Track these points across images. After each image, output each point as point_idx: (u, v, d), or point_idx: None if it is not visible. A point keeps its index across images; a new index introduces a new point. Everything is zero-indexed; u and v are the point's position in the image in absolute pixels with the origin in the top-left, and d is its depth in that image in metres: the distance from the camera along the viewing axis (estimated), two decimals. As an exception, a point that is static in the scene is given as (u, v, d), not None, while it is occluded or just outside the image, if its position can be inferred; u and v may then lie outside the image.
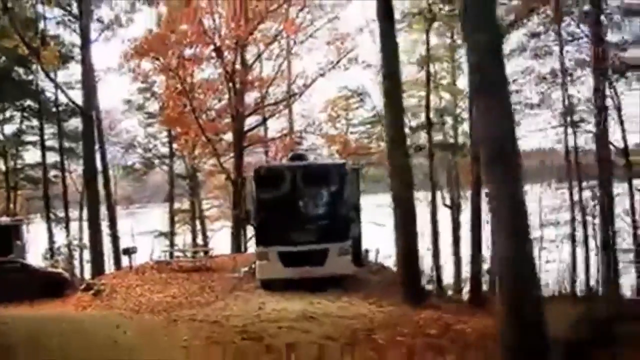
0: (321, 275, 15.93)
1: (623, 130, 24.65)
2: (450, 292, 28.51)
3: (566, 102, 27.18)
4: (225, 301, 15.11)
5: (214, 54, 26.95)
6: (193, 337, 10.60)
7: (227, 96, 28.16)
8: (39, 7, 30.59)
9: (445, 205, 32.22)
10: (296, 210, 16.69)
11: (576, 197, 26.97)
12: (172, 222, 37.40)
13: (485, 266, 23.10)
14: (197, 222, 38.19)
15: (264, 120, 31.58)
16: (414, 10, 29.22)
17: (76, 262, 32.67)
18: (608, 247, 24.25)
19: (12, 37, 25.88)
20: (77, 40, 30.79)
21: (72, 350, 9.87)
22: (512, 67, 29.14)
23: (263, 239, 16.76)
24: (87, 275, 29.15)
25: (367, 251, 22.70)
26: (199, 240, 37.06)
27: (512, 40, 29.85)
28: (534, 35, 28.28)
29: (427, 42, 30.32)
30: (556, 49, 27.55)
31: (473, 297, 22.29)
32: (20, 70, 34.89)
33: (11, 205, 35.26)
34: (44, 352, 9.65)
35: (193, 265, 21.86)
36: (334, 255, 16.21)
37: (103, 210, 30.29)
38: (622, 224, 26.53)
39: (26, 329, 11.40)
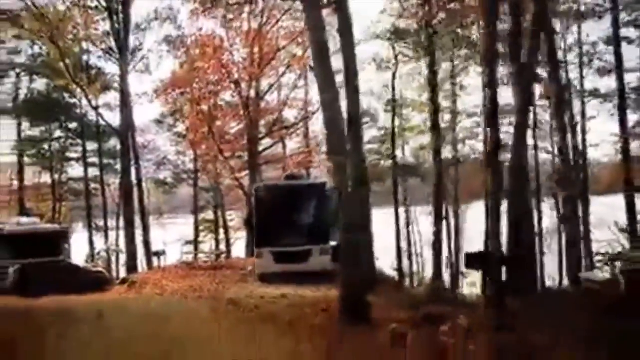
0: (305, 270, 20.90)
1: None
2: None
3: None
4: (228, 288, 20.26)
5: (232, 86, 32.32)
6: (198, 306, 15.78)
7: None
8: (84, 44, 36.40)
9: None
10: (286, 219, 21.81)
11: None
12: (197, 231, 42.74)
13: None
14: (222, 232, 43.59)
15: (281, 140, 36.95)
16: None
17: (113, 266, 38.28)
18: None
19: (64, 77, 31.93)
20: (117, 69, 36.71)
21: (116, 314, 15.07)
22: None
23: (260, 241, 21.98)
24: (123, 276, 34.56)
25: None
26: (223, 247, 42.29)
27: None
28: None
29: (393, 88, 35.56)
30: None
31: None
32: (66, 95, 40.88)
33: (56, 215, 41.27)
34: (100, 316, 14.81)
35: (210, 265, 27.14)
36: (316, 255, 21.20)
37: (137, 220, 35.77)
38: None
39: (86, 303, 16.72)
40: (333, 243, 22.18)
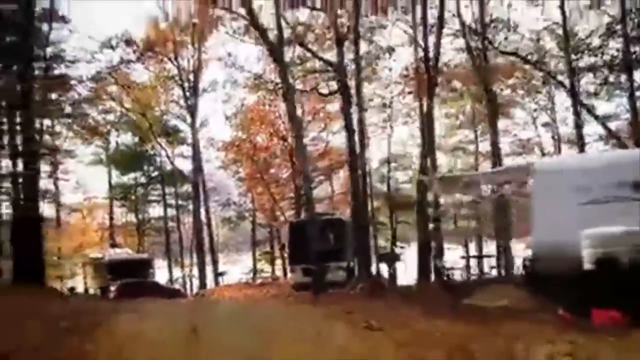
0: (325, 281, 30.07)
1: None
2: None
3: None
4: (271, 294, 29.85)
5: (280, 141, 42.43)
6: (245, 301, 25.41)
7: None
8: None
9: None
10: (310, 243, 31.17)
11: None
12: (255, 260, 52.26)
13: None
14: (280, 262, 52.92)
15: (327, 181, 46.85)
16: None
17: (187, 286, 48.45)
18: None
19: (149, 139, 43.05)
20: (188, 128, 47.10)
21: (194, 308, 24.72)
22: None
23: (293, 260, 31.43)
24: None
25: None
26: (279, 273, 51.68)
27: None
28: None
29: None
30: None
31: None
32: (148, 148, 51.65)
33: (140, 248, 51.64)
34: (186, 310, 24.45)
35: (263, 281, 36.89)
36: (333, 270, 30.20)
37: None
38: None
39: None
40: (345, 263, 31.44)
